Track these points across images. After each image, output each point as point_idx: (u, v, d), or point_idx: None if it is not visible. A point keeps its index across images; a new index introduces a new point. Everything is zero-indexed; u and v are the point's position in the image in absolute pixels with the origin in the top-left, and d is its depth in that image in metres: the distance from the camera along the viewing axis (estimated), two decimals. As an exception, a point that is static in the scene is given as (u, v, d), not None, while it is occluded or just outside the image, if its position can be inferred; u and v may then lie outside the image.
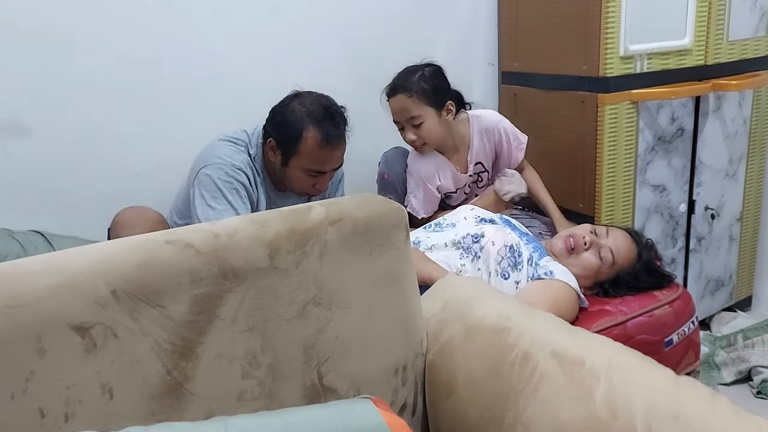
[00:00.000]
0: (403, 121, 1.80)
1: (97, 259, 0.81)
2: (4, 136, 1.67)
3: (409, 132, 1.80)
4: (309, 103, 1.57)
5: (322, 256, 0.95)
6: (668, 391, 0.82)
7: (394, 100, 1.80)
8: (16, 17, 1.63)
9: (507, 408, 0.92)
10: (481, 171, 1.96)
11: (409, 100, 1.76)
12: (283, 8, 1.96)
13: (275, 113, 1.61)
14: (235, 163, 1.58)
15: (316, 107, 1.57)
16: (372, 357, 1.01)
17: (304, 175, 1.60)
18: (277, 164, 1.61)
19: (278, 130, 1.58)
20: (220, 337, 0.87)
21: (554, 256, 1.58)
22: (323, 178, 1.62)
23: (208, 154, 1.60)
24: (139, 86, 1.80)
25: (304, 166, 1.58)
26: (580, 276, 1.53)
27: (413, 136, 1.80)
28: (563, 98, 1.99)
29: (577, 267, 1.54)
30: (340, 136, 1.58)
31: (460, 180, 1.93)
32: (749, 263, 2.34)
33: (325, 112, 1.56)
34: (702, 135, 2.05)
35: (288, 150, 1.57)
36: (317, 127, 1.54)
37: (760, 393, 1.92)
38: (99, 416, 0.78)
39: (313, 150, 1.55)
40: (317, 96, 1.61)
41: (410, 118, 1.78)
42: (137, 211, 1.60)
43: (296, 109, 1.57)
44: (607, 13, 1.79)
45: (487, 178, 1.99)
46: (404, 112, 1.78)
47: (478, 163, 1.93)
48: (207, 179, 1.56)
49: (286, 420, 0.75)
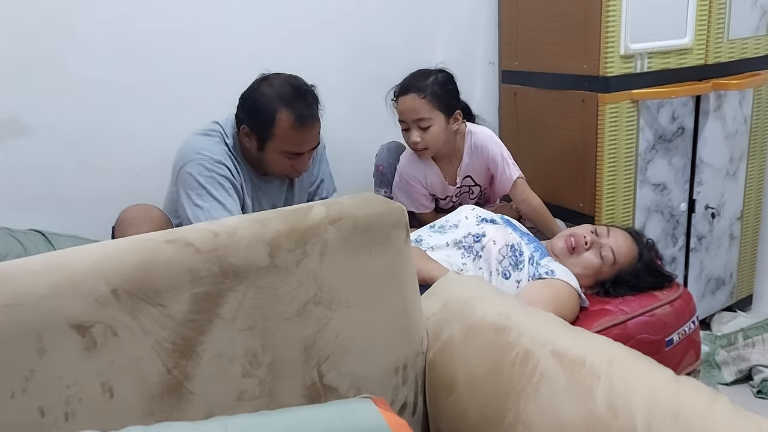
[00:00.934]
0: (411, 121, 1.76)
1: (97, 258, 0.81)
2: (4, 136, 1.67)
3: (415, 133, 1.76)
4: (278, 85, 1.54)
5: (322, 255, 0.95)
6: (668, 391, 0.82)
7: (405, 99, 1.75)
8: (16, 16, 1.63)
9: (507, 407, 0.92)
10: (472, 185, 1.94)
11: (421, 101, 1.73)
12: (283, 7, 1.96)
13: (245, 99, 1.58)
14: (214, 157, 1.56)
15: (285, 88, 1.54)
16: (372, 356, 1.01)
17: (282, 158, 1.58)
18: (254, 150, 1.59)
19: (250, 116, 1.56)
20: (220, 336, 0.87)
21: (555, 256, 1.58)
22: (302, 158, 1.60)
23: (186, 150, 1.58)
24: (139, 85, 1.80)
25: (280, 148, 1.56)
26: (582, 275, 1.53)
27: (418, 138, 1.76)
28: (564, 97, 1.99)
29: (578, 267, 1.54)
30: (313, 115, 1.55)
31: (447, 190, 1.93)
32: (750, 262, 2.35)
33: (296, 92, 1.54)
34: (702, 134, 2.05)
35: (262, 135, 1.55)
36: (289, 109, 1.51)
37: (760, 392, 1.92)
38: (99, 415, 0.78)
39: (287, 132, 1.53)
40: (286, 77, 1.57)
41: (419, 119, 1.74)
42: (143, 209, 1.60)
43: (266, 92, 1.54)
44: (607, 13, 1.79)
45: (479, 191, 1.97)
46: (414, 113, 1.74)
47: (467, 177, 1.92)
48: (189, 177, 1.55)
49: (286, 420, 0.75)
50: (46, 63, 1.68)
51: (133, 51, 1.77)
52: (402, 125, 1.80)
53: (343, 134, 2.05)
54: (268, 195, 1.72)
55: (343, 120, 2.02)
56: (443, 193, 1.93)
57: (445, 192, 1.93)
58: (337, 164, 1.91)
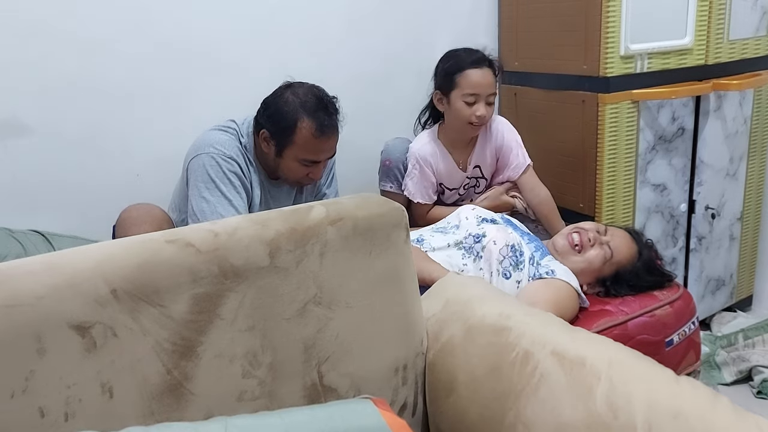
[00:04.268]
0: (485, 95, 1.76)
1: (97, 259, 0.81)
2: (4, 135, 1.67)
3: (483, 107, 1.77)
4: (302, 94, 1.57)
5: (322, 255, 0.95)
6: (668, 391, 0.82)
7: (483, 72, 1.77)
8: (16, 16, 1.63)
9: (507, 407, 0.92)
10: (479, 176, 1.95)
11: (493, 77, 1.79)
12: (284, 6, 1.96)
13: (268, 104, 1.60)
14: (226, 152, 1.58)
15: (309, 98, 1.57)
16: (372, 356, 1.01)
17: (298, 165, 1.60)
18: (271, 155, 1.61)
19: (272, 121, 1.58)
20: (220, 336, 0.87)
21: (556, 252, 1.58)
22: (317, 167, 1.62)
23: (201, 142, 1.60)
24: (140, 85, 1.80)
25: (298, 156, 1.58)
26: (584, 272, 1.54)
27: (484, 112, 1.77)
28: (564, 98, 1.99)
29: (582, 263, 1.54)
30: (333, 126, 1.59)
31: (457, 177, 1.93)
32: (750, 263, 2.34)
33: (319, 103, 1.57)
34: (702, 134, 2.05)
35: (282, 141, 1.57)
36: (311, 118, 1.54)
37: (760, 393, 1.92)
38: (99, 416, 0.78)
39: (307, 140, 1.55)
40: (309, 86, 1.61)
41: (491, 94, 1.78)
42: (144, 209, 1.61)
43: (289, 99, 1.57)
44: (607, 13, 1.79)
45: (484, 185, 1.98)
46: (490, 87, 1.77)
47: (476, 167, 1.93)
48: (200, 169, 1.56)
49: (286, 420, 0.75)
50: (46, 63, 1.68)
51: (133, 51, 1.77)
52: (469, 99, 1.76)
53: (343, 135, 2.05)
54: (276, 199, 1.73)
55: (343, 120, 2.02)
56: (451, 182, 1.93)
57: (453, 181, 1.93)
58: (338, 164, 1.90)
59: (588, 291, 1.56)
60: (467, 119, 1.78)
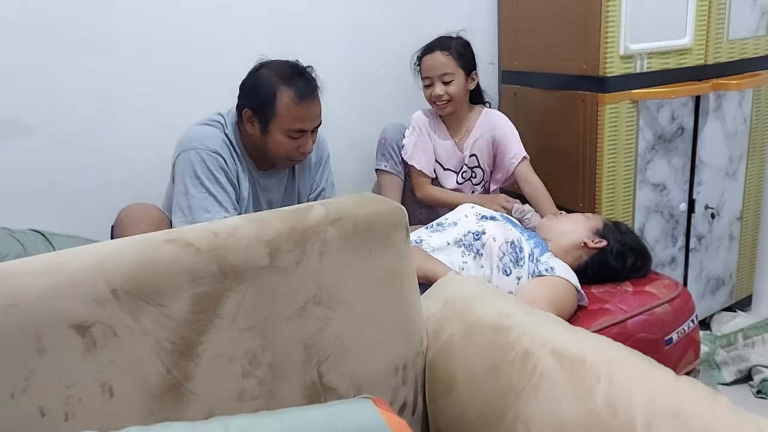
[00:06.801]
0: (436, 76, 1.88)
1: (97, 258, 0.81)
2: (4, 135, 1.67)
3: (438, 87, 1.88)
4: (276, 66, 1.58)
5: (322, 255, 0.95)
6: (668, 390, 0.82)
7: (431, 56, 1.89)
8: (16, 16, 1.63)
9: (507, 406, 0.92)
10: (475, 166, 1.99)
11: (446, 58, 1.87)
12: (283, 5, 1.96)
13: (244, 84, 1.61)
14: (210, 146, 1.57)
15: (284, 69, 1.57)
16: (372, 356, 1.01)
17: (286, 138, 1.58)
18: (257, 135, 1.59)
19: (251, 98, 1.58)
20: (220, 336, 0.87)
21: (547, 240, 1.62)
22: (305, 137, 1.60)
23: (186, 138, 1.60)
24: (139, 85, 1.80)
25: (284, 127, 1.56)
26: (566, 247, 1.62)
27: (441, 91, 1.87)
28: (563, 97, 1.99)
29: (560, 236, 1.64)
30: (313, 90, 1.58)
31: (453, 156, 1.97)
32: (749, 262, 2.34)
33: (294, 70, 1.57)
34: (702, 134, 2.05)
35: (265, 115, 1.56)
36: (289, 86, 1.54)
37: (760, 392, 1.92)
38: (99, 415, 0.78)
39: (290, 108, 1.55)
40: (282, 60, 1.61)
41: (443, 74, 1.87)
42: (142, 209, 1.60)
43: (264, 74, 1.57)
44: (607, 13, 1.79)
45: (482, 175, 2.01)
46: (440, 68, 1.87)
47: (473, 156, 1.97)
48: (186, 165, 1.56)
49: (286, 420, 0.75)
50: (46, 63, 1.68)
51: (132, 51, 1.77)
52: (426, 82, 1.92)
53: (343, 135, 2.05)
54: (266, 190, 1.72)
55: (343, 120, 2.02)
56: (448, 160, 1.98)
57: (449, 158, 1.98)
58: (337, 163, 1.91)
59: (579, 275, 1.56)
60: (429, 99, 1.94)
